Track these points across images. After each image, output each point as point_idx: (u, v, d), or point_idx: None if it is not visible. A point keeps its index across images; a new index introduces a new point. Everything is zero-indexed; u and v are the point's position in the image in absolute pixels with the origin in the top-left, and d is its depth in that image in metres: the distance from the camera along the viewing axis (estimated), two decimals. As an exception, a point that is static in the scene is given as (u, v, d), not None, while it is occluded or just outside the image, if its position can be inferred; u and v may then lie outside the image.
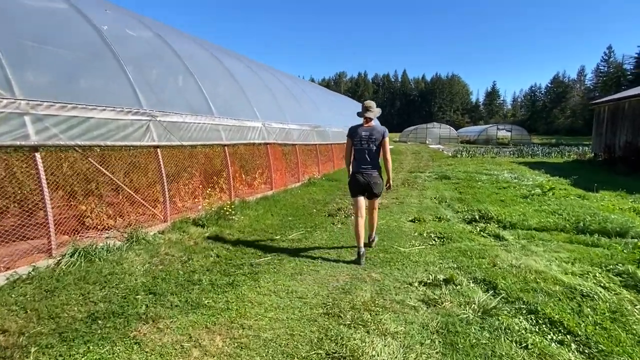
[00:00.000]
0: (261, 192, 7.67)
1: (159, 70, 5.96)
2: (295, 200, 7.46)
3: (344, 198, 7.98)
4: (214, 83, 7.32)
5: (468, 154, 20.68)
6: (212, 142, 6.17)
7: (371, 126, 4.21)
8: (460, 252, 4.27)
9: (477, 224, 5.64)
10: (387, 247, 4.59)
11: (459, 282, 3.37)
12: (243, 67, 9.42)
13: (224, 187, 7.03)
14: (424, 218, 6.06)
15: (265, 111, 8.33)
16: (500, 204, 6.87)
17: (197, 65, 6.95)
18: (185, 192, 6.25)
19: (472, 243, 4.64)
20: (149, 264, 3.77)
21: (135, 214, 5.18)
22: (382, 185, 4.30)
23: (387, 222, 5.92)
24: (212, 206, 5.77)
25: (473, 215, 6.12)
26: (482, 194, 7.95)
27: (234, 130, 6.72)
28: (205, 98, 6.39)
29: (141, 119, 4.76)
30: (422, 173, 12.81)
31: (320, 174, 10.94)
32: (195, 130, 5.75)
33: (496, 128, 42.99)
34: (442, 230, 5.35)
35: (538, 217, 5.60)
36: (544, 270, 3.59)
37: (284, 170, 8.83)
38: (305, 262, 4.05)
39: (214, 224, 5.26)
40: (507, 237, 4.86)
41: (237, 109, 7.28)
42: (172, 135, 5.25)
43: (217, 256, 4.14)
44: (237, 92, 7.80)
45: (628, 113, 13.34)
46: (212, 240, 4.65)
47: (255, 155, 8.34)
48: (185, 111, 5.67)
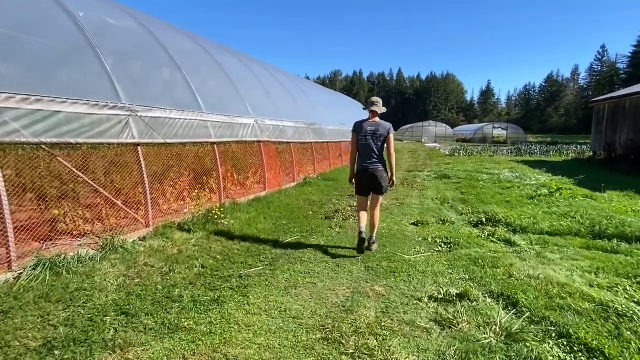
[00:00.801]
0: (254, 192, 7.25)
1: (142, 62, 5.51)
2: (290, 201, 7.05)
3: (341, 199, 7.59)
4: (204, 77, 6.87)
5: (466, 152, 20.39)
6: (201, 139, 5.74)
7: (377, 122, 4.25)
8: (470, 261, 3.89)
9: (484, 228, 5.27)
10: (391, 254, 4.20)
11: (475, 297, 2.99)
12: (236, 62, 8.97)
13: (215, 188, 6.60)
14: (427, 221, 5.68)
15: (258, 108, 7.90)
16: (506, 205, 6.52)
17: (185, 58, 6.50)
18: (172, 194, 5.81)
19: (482, 250, 4.27)
20: (124, 277, 3.34)
21: (116, 218, 4.74)
22: (387, 180, 4.28)
23: (389, 225, 5.54)
24: (200, 209, 5.34)
25: (479, 217, 5.76)
26: (485, 194, 7.60)
27: (224, 127, 6.29)
28: (193, 93, 5.95)
29: (119, 114, 4.32)
30: (421, 172, 12.46)
31: (316, 173, 10.53)
32: (182, 127, 5.32)
33: (492, 126, 42.86)
34: (448, 234, 4.98)
35: (549, 220, 5.25)
36: (566, 282, 3.22)
37: (278, 169, 8.41)
38: (300, 272, 3.65)
39: (202, 229, 4.83)
40: (518, 243, 4.49)
41: (228, 105, 6.85)
42: (155, 132, 4.81)
43: (203, 267, 3.72)
44: (228, 87, 7.36)
45: (629, 111, 13.09)
46: (198, 248, 4.23)
47: (248, 154, 7.91)
48: (170, 106, 5.23)
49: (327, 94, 17.84)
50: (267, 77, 10.02)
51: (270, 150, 7.99)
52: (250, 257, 4.04)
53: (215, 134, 6.02)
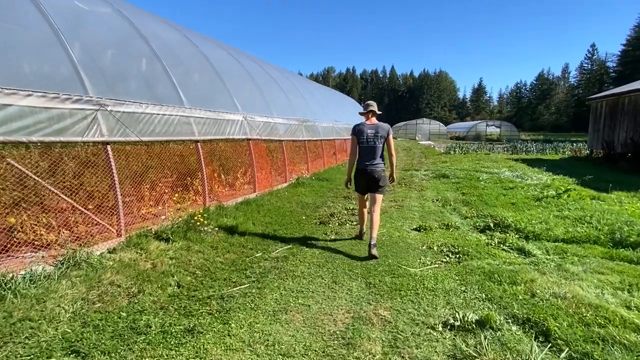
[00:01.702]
0: (243, 194, 6.73)
1: (116, 52, 4.94)
2: (281, 204, 6.55)
3: (336, 201, 7.12)
4: (187, 70, 6.32)
5: (461, 150, 20.07)
6: (182, 137, 5.20)
7: (375, 124, 4.32)
8: (485, 275, 3.44)
9: (493, 234, 4.85)
10: (394, 266, 3.74)
11: (498, 324, 2.54)
12: (224, 54, 8.41)
13: (200, 190, 6.08)
14: (430, 226, 5.24)
15: (247, 103, 7.38)
16: (513, 208, 6.10)
17: (166, 48, 5.94)
18: (151, 198, 5.28)
19: (495, 261, 3.83)
20: (82, 301, 2.81)
21: (86, 225, 4.21)
22: (387, 180, 4.40)
23: (389, 231, 5.08)
24: (181, 215, 4.82)
25: (485, 222, 5.33)
26: (488, 195, 7.19)
27: (209, 123, 5.76)
28: (174, 86, 5.41)
29: (85, 108, 3.77)
30: (418, 171, 12.04)
31: (309, 172, 10.04)
32: (160, 124, 4.78)
33: (485, 124, 42.76)
34: (454, 242, 4.54)
35: (563, 225, 4.84)
36: (599, 303, 2.79)
37: (269, 169, 7.90)
38: (292, 291, 3.16)
39: (182, 238, 4.31)
40: (534, 252, 4.06)
41: (214, 100, 6.31)
42: (128, 129, 4.27)
43: (179, 285, 3.21)
44: (215, 81, 6.82)
45: (629, 108, 12.83)
46: (176, 261, 3.71)
47: (237, 153, 7.38)
48: (148, 100, 4.69)
49: (320, 90, 17.31)
50: (257, 71, 9.48)
51: (260, 148, 7.47)
52: (234, 272, 3.53)
53: (198, 131, 5.49)
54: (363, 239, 4.60)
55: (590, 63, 79.59)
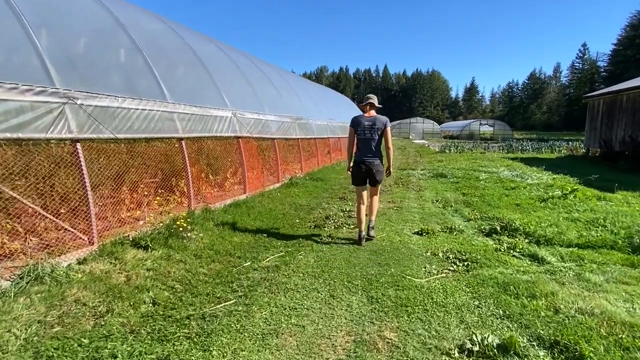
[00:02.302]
0: (232, 196, 6.33)
1: (90, 41, 4.50)
2: (273, 206, 6.16)
3: (331, 202, 6.75)
4: (171, 63, 5.89)
5: (456, 149, 19.84)
6: (164, 134, 4.78)
7: (373, 116, 4.32)
8: (499, 287, 3.10)
9: (500, 238, 4.52)
10: (397, 276, 3.38)
11: (523, 350, 2.19)
12: (212, 48, 7.98)
13: (186, 191, 5.68)
14: (432, 229, 4.89)
15: (237, 99, 6.97)
16: (518, 209, 5.79)
17: (148, 39, 5.51)
18: (132, 201, 4.85)
19: (507, 270, 3.49)
20: (39, 325, 2.40)
21: (58, 231, 3.79)
22: (384, 172, 4.45)
23: (389, 235, 4.72)
24: (162, 219, 4.41)
25: (491, 224, 5.01)
26: (490, 196, 6.88)
27: (194, 120, 5.34)
28: (156, 79, 4.98)
29: (49, 101, 3.34)
30: (414, 170, 11.73)
31: (303, 172, 9.66)
32: (139, 119, 4.36)
33: (479, 123, 42.74)
34: (460, 247, 4.20)
35: (575, 229, 4.53)
36: (633, 321, 2.46)
37: (260, 169, 7.50)
38: (284, 308, 2.79)
39: (162, 245, 3.90)
40: (548, 259, 3.73)
41: (200, 95, 5.89)
42: (102, 125, 3.85)
43: (154, 302, 2.81)
44: (201, 75, 6.39)
45: (627, 106, 12.66)
46: (154, 273, 3.31)
47: (227, 152, 6.97)
48: (126, 94, 4.27)
49: (314, 87, 16.92)
50: (249, 67, 9.06)
51: (251, 147, 7.07)
52: (219, 286, 3.14)
53: (183, 127, 5.08)
54: (362, 245, 4.30)
55: (581, 62, 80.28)
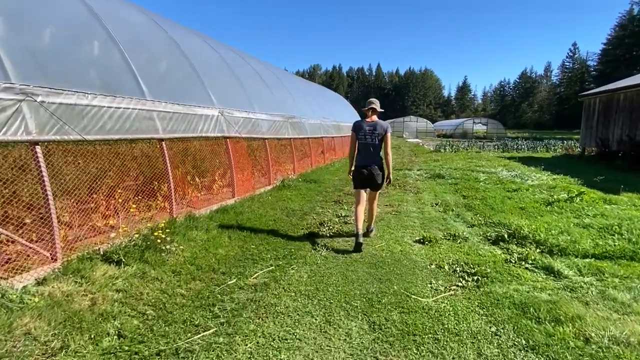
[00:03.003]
0: (219, 200, 5.90)
1: (55, 30, 4.04)
2: (263, 211, 5.75)
3: (326, 206, 6.36)
4: (152, 58, 5.43)
5: (451, 148, 19.59)
6: (142, 134, 4.34)
7: (375, 121, 4.36)
8: (516, 308, 2.75)
9: (508, 246, 4.18)
10: (401, 295, 3.01)
11: (559, 396, 1.83)
12: (199, 43, 7.53)
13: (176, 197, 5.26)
14: (434, 236, 4.54)
15: (225, 97, 6.54)
16: (523, 214, 5.47)
17: (125, 31, 5.06)
18: (108, 208, 4.41)
19: (522, 286, 3.14)
20: (-28, 369, 1.98)
21: (11, 244, 3.34)
22: (383, 178, 4.43)
23: (389, 244, 4.36)
24: (140, 229, 3.98)
25: (497, 231, 4.67)
26: (492, 198, 6.55)
27: (176, 119, 4.91)
28: (133, 75, 4.54)
29: (2, 98, 2.90)
30: (410, 171, 11.40)
31: (295, 173, 9.25)
32: (112, 119, 3.92)
33: (472, 122, 42.71)
34: (467, 258, 3.85)
35: (589, 236, 4.21)
36: (678, 353, 2.12)
37: (250, 170, 7.08)
38: (272, 338, 2.39)
39: (137, 260, 3.48)
40: (564, 272, 3.39)
41: (184, 93, 5.45)
42: (67, 125, 3.41)
43: (119, 334, 2.39)
44: (186, 71, 5.95)
45: (624, 105, 12.48)
46: (124, 295, 2.89)
47: (215, 153, 6.53)
48: (98, 91, 3.82)
49: (307, 86, 16.50)
50: (238, 63, 8.62)
51: (240, 147, 6.65)
52: (198, 310, 2.73)
53: (163, 127, 4.64)
54: (361, 251, 4.08)
55: (572, 62, 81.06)
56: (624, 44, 59.45)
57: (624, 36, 60.05)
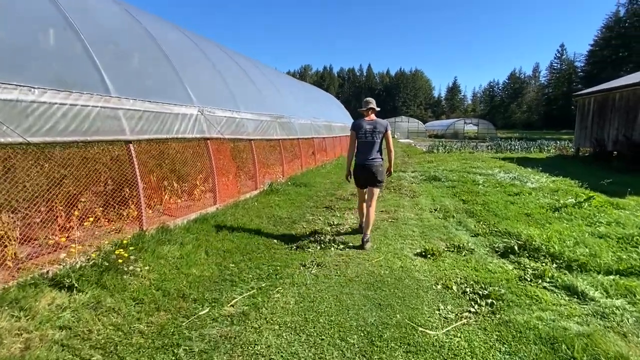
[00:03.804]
0: (199, 208, 5.37)
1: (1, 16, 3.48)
2: (248, 219, 5.24)
3: (317, 212, 5.87)
4: (121, 50, 4.86)
5: (445, 149, 19.28)
6: (104, 136, 3.79)
7: (374, 119, 4.39)
8: (543, 343, 2.29)
9: (519, 260, 3.75)
10: (405, 327, 2.53)
11: None
12: (178, 36, 6.97)
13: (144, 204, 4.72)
14: (436, 248, 4.08)
15: (206, 95, 6.00)
16: (530, 221, 5.06)
17: (90, 19, 4.50)
18: (69, 220, 3.85)
19: (545, 312, 2.70)
20: None
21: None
22: (384, 174, 4.46)
23: (387, 258, 3.88)
24: (101, 245, 3.44)
25: (505, 241, 4.24)
26: (494, 203, 6.14)
27: (147, 118, 4.36)
28: (97, 68, 3.99)
29: None
30: (404, 172, 10.98)
31: (285, 176, 8.74)
32: (67, 118, 3.37)
33: (463, 122, 42.69)
34: (475, 275, 3.41)
35: (608, 248, 3.80)
36: None
37: (234, 174, 6.55)
38: (249, 395, 1.89)
39: (94, 284, 2.94)
40: (589, 293, 2.96)
41: (159, 90, 4.91)
42: (5, 125, 2.85)
43: (50, 395, 1.86)
44: (162, 66, 5.40)
45: (620, 105, 12.27)
46: (68, 333, 2.35)
47: (197, 155, 5.99)
48: (50, 85, 3.27)
49: (297, 84, 15.98)
50: (222, 59, 8.07)
51: (223, 149, 6.12)
52: (159, 354, 2.21)
53: (131, 128, 4.10)
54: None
55: (559, 63, 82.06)
56: (611, 45, 60.30)
57: (610, 37, 60.91)
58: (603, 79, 36.05)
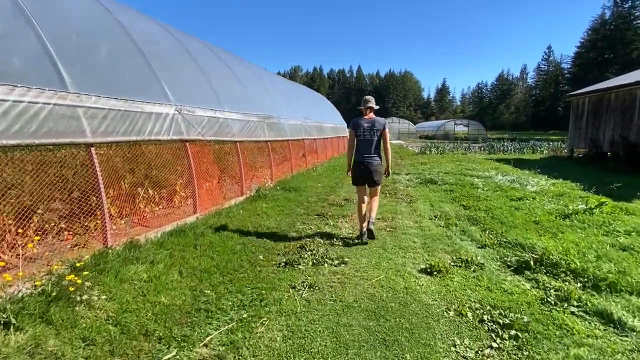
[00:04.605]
0: (176, 219, 4.83)
1: None
2: (231, 230, 4.72)
3: (308, 221, 5.38)
4: (85, 41, 4.30)
5: (437, 150, 18.99)
6: (59, 138, 3.24)
7: (372, 118, 4.44)
8: (593, 397, 1.85)
9: (536, 276, 3.32)
10: (417, 373, 2.06)
11: None
12: (154, 29, 6.40)
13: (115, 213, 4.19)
14: (442, 263, 3.63)
15: (185, 92, 5.47)
16: (540, 230, 4.66)
17: (46, 6, 3.94)
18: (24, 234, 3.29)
19: (582, 349, 2.25)
20: None
21: None
22: (383, 173, 4.53)
23: (388, 276, 3.42)
24: (51, 269, 2.89)
25: (518, 255, 3.82)
26: (498, 210, 5.74)
27: (113, 118, 3.82)
28: (51, 61, 3.44)
29: None
30: (398, 175, 10.57)
31: (273, 180, 8.24)
32: (8, 118, 2.82)
33: (454, 123, 42.70)
34: (491, 297, 2.97)
35: (637, 263, 3.40)
36: None
37: (218, 180, 6.02)
38: None
39: (38, 319, 2.40)
40: (627, 321, 2.53)
41: (130, 86, 4.38)
42: None
43: None
44: (134, 59, 4.85)
45: (616, 105, 12.07)
46: (-15, 396, 1.82)
47: (178, 158, 5.44)
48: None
49: (286, 83, 15.45)
50: (204, 54, 7.52)
51: (204, 152, 5.59)
52: None
53: (93, 128, 3.55)
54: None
55: (547, 64, 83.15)
56: (597, 47, 61.21)
57: (596, 40, 61.83)
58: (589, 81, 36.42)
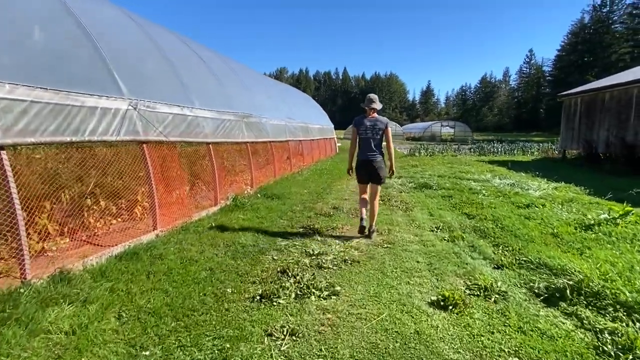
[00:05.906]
0: (129, 238, 3.98)
1: None
2: (197, 251, 3.90)
3: (292, 235, 4.59)
4: (8, 18, 3.44)
5: (426, 152, 18.45)
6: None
7: (375, 117, 4.50)
8: None
9: (575, 310, 2.65)
10: None
11: None
12: (112, 12, 5.52)
13: (53, 232, 3.37)
14: (456, 292, 2.92)
15: (145, 85, 4.63)
16: (561, 244, 4.01)
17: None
18: None
19: None
20: None
21: None
22: (386, 170, 4.54)
23: (391, 312, 2.68)
24: None
25: (545, 279, 3.14)
26: (507, 219, 5.08)
27: (38, 113, 2.96)
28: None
29: None
30: (390, 179, 9.84)
31: (254, 186, 7.42)
32: None
33: (440, 125, 42.57)
34: (526, 343, 2.29)
35: (698, 292, 2.75)
36: None
37: (184, 188, 5.18)
38: None
39: None
40: None
41: (71, 74, 3.51)
42: None
43: None
44: (75, 40, 3.97)
45: (610, 105, 11.73)
46: None
47: (140, 162, 4.58)
48: None
49: (270, 81, 14.59)
50: (172, 44, 6.66)
51: (167, 156, 4.74)
52: None
53: (6, 126, 2.69)
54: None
55: (528, 67, 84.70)
56: (577, 50, 62.54)
57: (576, 43, 63.20)
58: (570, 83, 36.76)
